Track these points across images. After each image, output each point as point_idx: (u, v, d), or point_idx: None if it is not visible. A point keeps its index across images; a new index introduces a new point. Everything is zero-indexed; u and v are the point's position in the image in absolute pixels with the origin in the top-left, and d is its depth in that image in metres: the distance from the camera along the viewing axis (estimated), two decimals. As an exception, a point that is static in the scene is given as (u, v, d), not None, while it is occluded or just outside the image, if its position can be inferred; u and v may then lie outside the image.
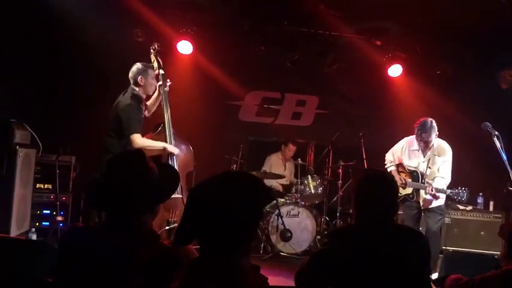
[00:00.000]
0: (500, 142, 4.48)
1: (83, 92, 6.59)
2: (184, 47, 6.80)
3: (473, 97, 7.06)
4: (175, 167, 4.33)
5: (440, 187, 5.06)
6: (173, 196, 4.28)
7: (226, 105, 7.86)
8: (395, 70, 7.30)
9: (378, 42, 7.12)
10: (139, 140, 4.30)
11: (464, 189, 4.94)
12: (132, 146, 4.23)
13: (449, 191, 5.03)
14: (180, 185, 4.46)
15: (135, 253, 1.90)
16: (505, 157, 4.43)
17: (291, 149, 7.51)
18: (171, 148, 4.51)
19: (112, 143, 4.32)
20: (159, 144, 4.45)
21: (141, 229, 2.02)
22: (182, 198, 4.49)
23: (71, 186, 6.02)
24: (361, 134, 6.84)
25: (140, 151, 2.18)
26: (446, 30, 6.61)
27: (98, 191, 2.06)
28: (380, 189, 2.48)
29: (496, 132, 4.53)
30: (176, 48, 6.77)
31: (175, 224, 4.41)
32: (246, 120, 8.09)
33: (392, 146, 5.64)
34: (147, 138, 4.49)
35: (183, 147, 4.75)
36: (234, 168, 6.75)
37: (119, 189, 1.99)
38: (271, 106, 8.15)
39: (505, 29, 6.06)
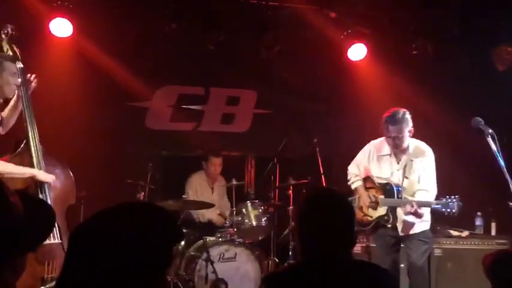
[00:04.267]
0: (495, 143, 4.70)
1: None
2: (61, 28, 6.68)
3: (460, 84, 7.39)
4: (49, 201, 4.23)
5: (424, 200, 5.25)
6: (48, 242, 4.20)
7: (127, 107, 7.81)
8: (357, 51, 7.50)
9: (333, 14, 7.30)
10: None
11: (454, 198, 5.08)
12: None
13: (433, 202, 5.19)
14: (57, 227, 4.38)
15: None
16: (502, 162, 4.64)
17: (215, 162, 7.55)
18: (43, 176, 4.42)
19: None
20: (25, 171, 4.34)
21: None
22: (61, 243, 4.40)
23: None
24: (315, 140, 6.99)
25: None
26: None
27: None
28: (329, 214, 2.56)
29: (490, 130, 4.74)
30: (48, 28, 6.66)
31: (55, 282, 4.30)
32: (157, 128, 8.07)
33: (356, 154, 5.82)
34: (3, 161, 4.37)
35: (58, 171, 4.67)
36: (142, 197, 6.68)
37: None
38: (191, 107, 8.17)
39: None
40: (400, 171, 5.47)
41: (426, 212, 5.37)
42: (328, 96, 8.12)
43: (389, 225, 5.45)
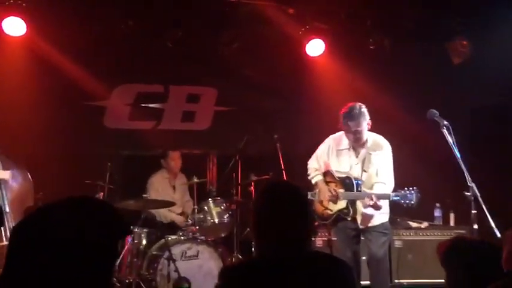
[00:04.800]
0: (451, 134, 4.78)
1: None
2: (14, 26, 6.61)
3: (417, 77, 7.51)
4: (5, 202, 4.20)
5: (383, 192, 5.34)
6: (5, 243, 4.17)
7: (84, 107, 7.75)
8: (315, 47, 7.55)
9: (291, 10, 7.34)
10: None
11: (413, 190, 5.18)
12: None
13: (392, 194, 5.29)
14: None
15: None
16: (458, 153, 4.73)
17: (174, 156, 7.55)
18: None
19: None
20: None
21: None
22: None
23: None
24: (275, 136, 7.02)
25: None
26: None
27: None
28: (285, 206, 2.56)
29: (445, 122, 4.84)
30: (1, 27, 6.58)
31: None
32: (115, 126, 8.03)
33: (317, 149, 5.87)
34: None
35: (15, 173, 4.62)
36: (101, 197, 6.61)
37: None
38: (150, 105, 8.14)
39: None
40: (359, 165, 5.54)
41: (385, 204, 5.45)
42: (288, 92, 8.14)
43: (349, 218, 5.52)
